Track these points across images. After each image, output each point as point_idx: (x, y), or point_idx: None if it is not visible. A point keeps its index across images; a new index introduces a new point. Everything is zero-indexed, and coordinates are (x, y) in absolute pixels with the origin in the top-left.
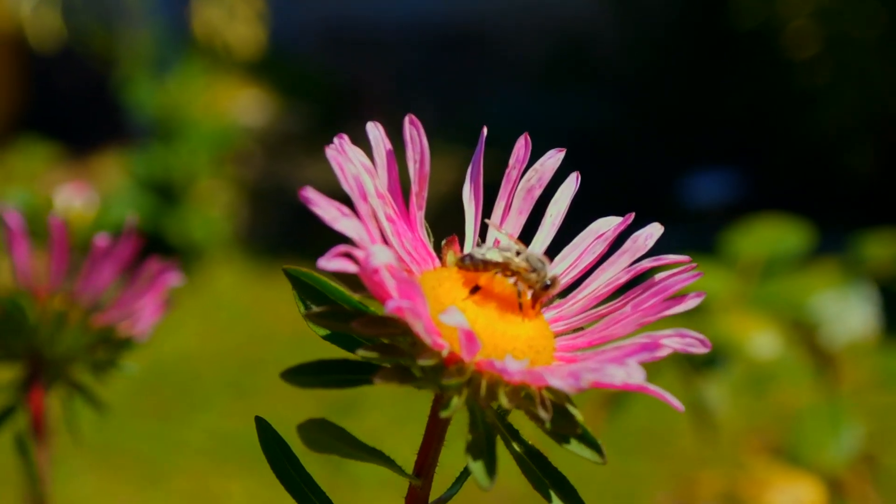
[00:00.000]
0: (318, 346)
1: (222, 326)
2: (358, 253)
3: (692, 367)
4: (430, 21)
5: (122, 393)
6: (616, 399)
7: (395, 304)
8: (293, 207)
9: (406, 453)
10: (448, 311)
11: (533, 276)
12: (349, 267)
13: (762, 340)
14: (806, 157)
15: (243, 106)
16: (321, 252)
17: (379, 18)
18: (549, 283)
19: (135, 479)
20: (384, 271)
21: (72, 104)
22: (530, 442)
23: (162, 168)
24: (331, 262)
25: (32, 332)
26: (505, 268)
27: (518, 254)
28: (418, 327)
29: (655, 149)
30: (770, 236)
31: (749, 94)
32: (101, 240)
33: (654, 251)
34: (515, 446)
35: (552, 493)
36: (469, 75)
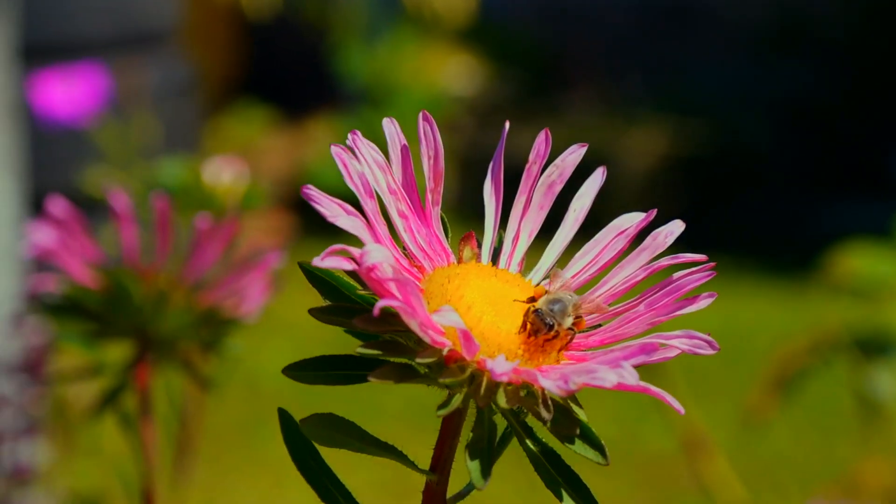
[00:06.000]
0: None
1: None
2: (354, 251)
3: (863, 354)
4: None
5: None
6: (786, 384)
7: (385, 302)
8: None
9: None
10: (441, 310)
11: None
12: (344, 265)
13: None
14: None
15: (453, 73)
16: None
17: None
18: (552, 331)
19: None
20: (384, 268)
21: (287, 70)
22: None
23: (371, 133)
24: (325, 260)
25: (137, 311)
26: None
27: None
28: (413, 326)
29: (870, 120)
30: None
31: None
32: (203, 221)
33: (861, 224)
34: (529, 444)
35: (563, 493)
36: (679, 44)
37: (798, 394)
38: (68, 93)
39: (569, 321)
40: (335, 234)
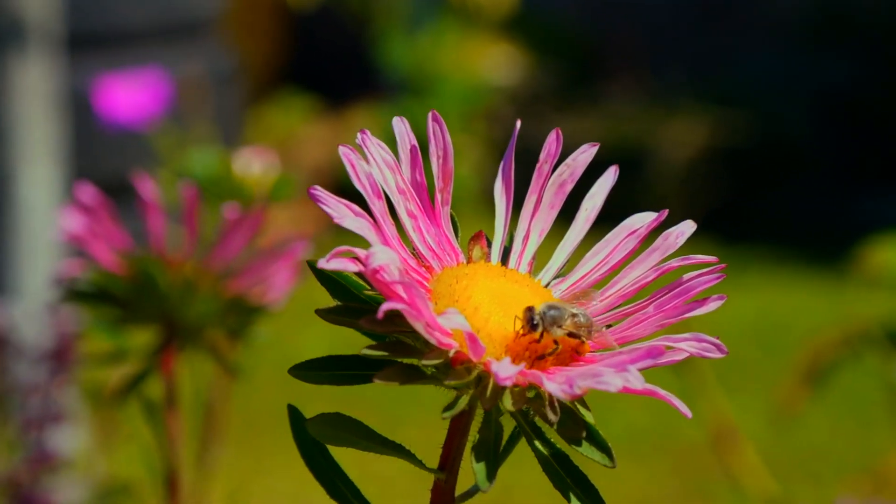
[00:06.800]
0: None
1: None
2: (360, 252)
3: (894, 347)
4: None
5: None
6: (817, 376)
7: (389, 305)
8: None
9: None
10: (447, 312)
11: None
12: (350, 266)
13: None
14: None
15: (494, 63)
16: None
17: None
18: (535, 331)
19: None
20: (391, 270)
21: (329, 60)
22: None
23: (412, 123)
24: (330, 262)
25: (162, 298)
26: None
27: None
28: (418, 327)
29: None
30: None
31: None
32: (230, 210)
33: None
34: (538, 445)
35: (572, 495)
36: (721, 34)
37: (829, 386)
38: (130, 97)
39: (558, 332)
40: None
